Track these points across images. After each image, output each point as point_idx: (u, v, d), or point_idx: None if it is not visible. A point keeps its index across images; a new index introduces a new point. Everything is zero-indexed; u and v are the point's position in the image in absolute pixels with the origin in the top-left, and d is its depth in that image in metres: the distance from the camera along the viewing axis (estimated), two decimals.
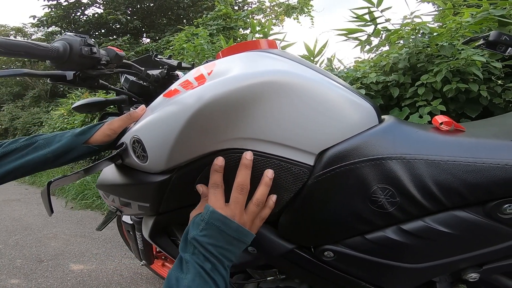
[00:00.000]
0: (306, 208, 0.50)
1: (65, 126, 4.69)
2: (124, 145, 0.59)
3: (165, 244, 0.70)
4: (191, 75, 0.54)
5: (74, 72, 0.57)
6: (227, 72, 0.50)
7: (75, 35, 0.52)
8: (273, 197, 0.50)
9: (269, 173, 0.48)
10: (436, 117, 0.53)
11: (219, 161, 0.48)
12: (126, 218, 1.01)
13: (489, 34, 0.60)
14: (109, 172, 0.67)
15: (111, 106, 0.78)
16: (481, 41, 0.62)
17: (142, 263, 1.10)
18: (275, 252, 0.54)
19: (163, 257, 1.27)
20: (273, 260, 0.57)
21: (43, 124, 6.58)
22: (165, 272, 1.41)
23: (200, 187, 0.52)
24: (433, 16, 2.15)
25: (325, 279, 0.56)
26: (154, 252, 1.09)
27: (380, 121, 0.53)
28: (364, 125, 0.50)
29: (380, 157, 0.46)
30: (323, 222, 0.50)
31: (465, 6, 1.77)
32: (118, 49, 0.59)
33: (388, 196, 0.46)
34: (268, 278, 0.64)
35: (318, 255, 0.53)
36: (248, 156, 0.48)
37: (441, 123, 0.51)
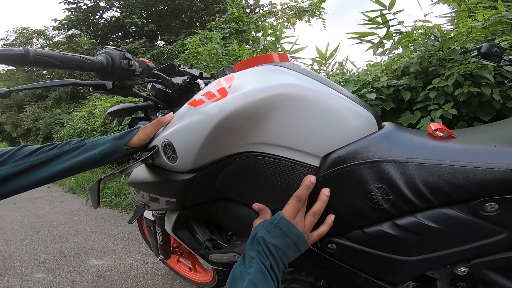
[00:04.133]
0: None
1: (85, 127, 4.83)
2: (156, 148, 0.66)
3: (186, 237, 0.77)
4: (213, 86, 0.62)
5: (113, 82, 0.64)
6: (245, 85, 0.57)
7: (115, 49, 0.59)
8: (332, 217, 0.56)
9: (325, 191, 0.54)
10: (431, 124, 0.58)
11: (311, 178, 0.54)
12: (148, 215, 1.08)
13: (482, 46, 0.62)
14: (140, 171, 0.76)
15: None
16: (475, 53, 0.63)
17: (159, 258, 1.16)
18: None
19: (178, 253, 1.33)
20: None
21: (64, 124, 6.75)
22: (180, 267, 1.45)
23: (256, 206, 0.60)
24: (447, 18, 2.11)
25: (329, 271, 0.61)
26: (171, 248, 1.16)
27: (380, 127, 0.58)
28: (364, 131, 0.56)
29: (376, 160, 0.52)
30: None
31: (481, 7, 1.74)
32: (149, 61, 0.66)
33: (383, 194, 0.52)
34: None
35: (322, 247, 0.59)
36: (312, 179, 0.54)
37: (435, 130, 0.55)
